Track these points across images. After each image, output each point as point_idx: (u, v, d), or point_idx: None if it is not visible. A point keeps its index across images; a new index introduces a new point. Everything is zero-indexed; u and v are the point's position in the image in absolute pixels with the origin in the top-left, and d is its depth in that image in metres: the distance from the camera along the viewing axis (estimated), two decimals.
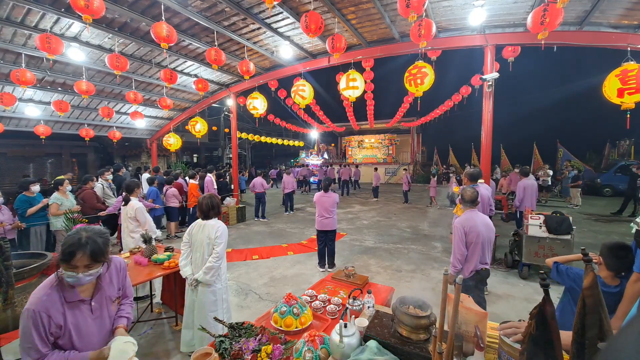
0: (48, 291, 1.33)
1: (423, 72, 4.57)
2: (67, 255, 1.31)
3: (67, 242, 1.34)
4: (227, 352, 1.64)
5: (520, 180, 6.24)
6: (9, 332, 2.27)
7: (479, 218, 2.90)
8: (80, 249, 1.33)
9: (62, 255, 1.33)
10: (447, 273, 1.21)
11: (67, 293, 1.37)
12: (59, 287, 1.36)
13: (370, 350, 1.39)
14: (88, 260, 1.34)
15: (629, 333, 0.28)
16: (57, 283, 1.36)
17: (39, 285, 1.37)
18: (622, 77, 3.91)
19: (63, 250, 1.33)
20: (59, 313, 1.32)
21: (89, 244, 1.35)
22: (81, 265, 1.34)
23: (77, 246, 1.33)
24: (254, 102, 7.07)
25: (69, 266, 1.32)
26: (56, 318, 1.31)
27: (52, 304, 1.31)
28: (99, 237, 1.41)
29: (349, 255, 5.86)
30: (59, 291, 1.35)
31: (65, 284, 1.36)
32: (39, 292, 1.33)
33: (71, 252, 1.32)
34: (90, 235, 1.38)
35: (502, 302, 3.98)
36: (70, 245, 1.33)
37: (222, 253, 2.66)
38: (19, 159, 14.55)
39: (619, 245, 1.85)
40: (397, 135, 22.32)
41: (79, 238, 1.35)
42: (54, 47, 4.31)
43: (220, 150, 23.75)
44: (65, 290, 1.37)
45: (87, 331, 1.41)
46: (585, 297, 0.82)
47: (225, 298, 2.86)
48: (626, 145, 15.73)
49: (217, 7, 5.04)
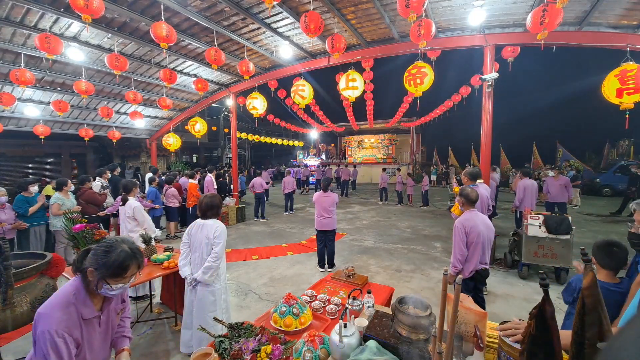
0: (67, 309, 1.25)
1: (423, 72, 4.58)
2: (122, 270, 1.31)
3: (119, 257, 1.31)
4: (226, 352, 1.64)
5: (521, 180, 6.27)
6: (8, 332, 2.27)
7: (479, 218, 2.91)
8: (134, 260, 1.35)
9: (115, 270, 1.30)
10: (446, 273, 1.21)
11: (85, 309, 1.31)
12: (77, 304, 1.29)
13: (369, 350, 1.39)
14: (137, 269, 1.37)
15: (629, 333, 0.28)
16: (74, 300, 1.28)
17: (52, 305, 1.25)
18: (621, 77, 3.92)
19: (117, 265, 1.29)
20: (77, 331, 1.27)
21: (137, 255, 1.38)
22: (130, 275, 1.36)
23: (130, 259, 1.34)
24: (253, 102, 7.06)
25: (116, 280, 1.32)
26: (73, 336, 1.25)
27: (72, 323, 1.24)
28: (136, 246, 1.43)
29: (349, 255, 5.86)
30: (77, 308, 1.28)
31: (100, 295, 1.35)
32: (57, 313, 1.22)
33: (127, 265, 1.32)
34: (131, 246, 1.39)
35: (501, 301, 3.98)
36: (125, 258, 1.32)
37: (220, 253, 2.65)
38: (18, 159, 14.54)
39: (608, 242, 1.87)
40: (396, 135, 22.32)
41: (129, 251, 1.35)
42: (53, 46, 4.31)
43: (220, 150, 23.74)
44: (82, 306, 1.30)
45: (96, 346, 1.38)
46: (585, 297, 0.82)
47: (225, 298, 2.86)
48: (625, 145, 15.76)
49: (217, 7, 5.04)
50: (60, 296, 1.28)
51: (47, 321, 1.19)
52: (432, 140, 23.33)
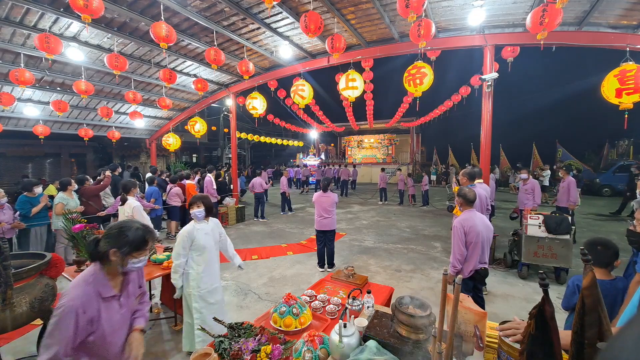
0: (85, 288, 1.36)
1: (422, 72, 4.58)
2: (144, 243, 1.47)
3: (138, 233, 1.46)
4: (226, 353, 1.64)
5: (521, 181, 6.29)
6: (8, 333, 2.26)
7: (478, 218, 2.91)
8: (150, 234, 1.52)
9: (138, 244, 1.45)
10: (446, 273, 1.21)
11: (103, 289, 1.41)
12: (94, 283, 1.39)
13: (369, 350, 1.39)
14: (154, 242, 1.54)
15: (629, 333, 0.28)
16: (92, 280, 1.39)
17: (74, 282, 1.39)
18: (621, 77, 3.92)
19: (138, 240, 1.44)
20: (94, 309, 1.36)
21: (150, 229, 1.54)
22: (148, 249, 1.51)
23: (147, 233, 1.50)
24: (253, 102, 7.06)
25: (140, 252, 1.47)
26: (91, 314, 1.34)
27: (88, 301, 1.34)
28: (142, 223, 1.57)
29: (349, 255, 5.86)
30: (95, 287, 1.38)
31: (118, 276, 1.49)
32: (77, 289, 1.35)
33: (147, 239, 1.48)
34: (141, 223, 1.54)
35: (501, 301, 3.98)
36: (143, 233, 1.48)
37: (174, 256, 2.64)
38: (17, 159, 14.53)
39: (595, 240, 1.96)
40: (396, 135, 22.34)
41: (142, 227, 1.50)
42: (53, 46, 4.30)
43: (220, 150, 23.72)
44: (101, 286, 1.40)
45: (117, 326, 1.46)
46: (585, 296, 0.82)
47: (197, 307, 2.64)
48: (625, 145, 15.77)
49: (217, 7, 5.04)
50: (80, 277, 1.41)
51: (65, 297, 1.31)
52: (432, 140, 23.35)
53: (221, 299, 2.85)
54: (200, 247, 2.65)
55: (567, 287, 2.08)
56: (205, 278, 2.67)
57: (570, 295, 2.02)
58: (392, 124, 16.72)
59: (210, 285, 2.72)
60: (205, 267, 2.67)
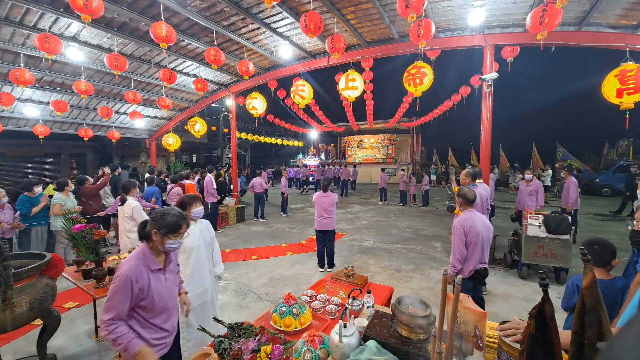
0: (137, 261, 1.63)
1: (422, 72, 4.58)
2: (176, 227, 1.69)
3: (173, 218, 1.70)
4: (226, 353, 1.64)
5: (522, 181, 6.26)
6: (8, 333, 2.26)
7: (478, 218, 2.91)
8: (184, 220, 1.74)
9: (172, 227, 1.68)
10: (446, 273, 1.21)
11: (150, 262, 1.69)
12: (144, 258, 1.67)
13: (369, 350, 1.39)
14: (187, 227, 1.77)
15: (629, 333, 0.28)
16: (141, 255, 1.67)
17: (128, 257, 1.67)
18: (621, 77, 3.92)
19: (173, 223, 1.68)
20: (144, 278, 1.62)
21: (184, 216, 1.76)
22: (182, 233, 1.73)
23: (181, 219, 1.73)
24: (253, 102, 7.06)
25: (175, 235, 1.70)
26: (141, 282, 1.60)
27: (139, 271, 1.61)
28: (180, 210, 1.82)
29: (349, 255, 5.86)
30: (144, 261, 1.67)
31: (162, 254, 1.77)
32: (130, 262, 1.62)
33: (180, 224, 1.71)
34: (179, 211, 1.78)
35: (501, 301, 3.98)
36: (178, 218, 1.71)
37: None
38: (17, 159, 14.54)
39: (593, 240, 1.97)
40: (396, 135, 22.33)
41: (179, 213, 1.74)
42: (53, 46, 4.30)
43: (220, 150, 23.72)
44: (149, 260, 1.68)
45: (163, 294, 1.71)
46: (585, 296, 0.82)
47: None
48: (625, 145, 15.77)
49: (217, 7, 5.04)
50: (133, 254, 1.70)
51: (124, 267, 1.59)
52: (432, 140, 23.35)
53: (210, 299, 2.71)
54: (188, 249, 2.53)
55: (566, 287, 2.08)
56: (194, 280, 2.55)
57: (569, 296, 2.02)
58: (392, 124, 16.72)
59: (200, 287, 2.63)
60: (194, 270, 2.55)
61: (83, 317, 3.64)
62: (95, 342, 3.18)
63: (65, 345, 3.11)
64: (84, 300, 3.99)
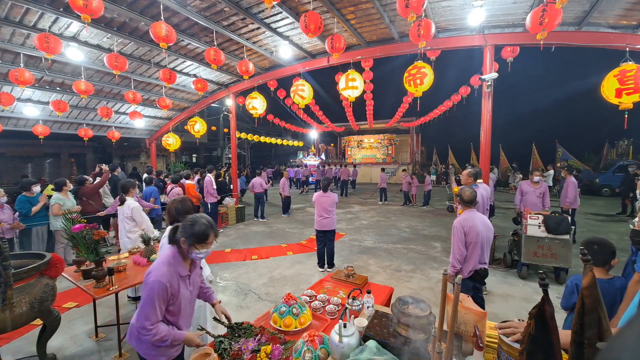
0: (168, 267, 1.64)
1: (422, 72, 4.58)
2: (204, 237, 1.66)
3: (201, 228, 1.66)
4: (226, 353, 1.64)
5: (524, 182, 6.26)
6: (7, 333, 2.26)
7: (478, 218, 2.91)
8: (212, 230, 1.70)
9: (200, 237, 1.65)
10: (446, 273, 1.21)
11: (180, 269, 1.70)
12: (175, 264, 1.68)
13: (369, 350, 1.39)
14: (215, 237, 1.73)
15: (629, 333, 0.28)
16: (172, 260, 1.67)
17: (158, 263, 1.67)
18: (621, 77, 3.92)
19: (200, 233, 1.65)
20: (176, 284, 1.65)
21: (213, 226, 1.73)
22: (210, 243, 1.70)
23: (209, 229, 1.69)
24: (253, 102, 7.06)
25: (202, 245, 1.67)
26: (173, 288, 1.63)
27: (172, 277, 1.63)
28: (211, 219, 1.76)
29: (348, 255, 5.86)
30: (175, 267, 1.67)
31: (188, 259, 1.75)
32: (163, 267, 1.63)
33: (208, 234, 1.68)
34: (208, 220, 1.72)
35: (501, 301, 3.98)
36: (206, 229, 1.67)
37: None
38: (17, 159, 14.52)
39: (592, 240, 1.97)
40: (396, 135, 22.34)
41: (208, 223, 1.70)
42: (53, 46, 4.30)
43: (220, 150, 23.72)
44: (179, 267, 1.69)
45: (188, 300, 1.76)
46: (584, 296, 0.82)
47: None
48: (624, 145, 15.77)
49: (216, 7, 5.04)
50: (164, 258, 1.69)
51: (158, 273, 1.60)
52: (432, 140, 23.34)
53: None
54: None
55: (566, 287, 2.08)
56: None
57: (569, 295, 2.03)
58: (392, 124, 16.72)
59: None
60: None
61: (83, 317, 3.64)
62: (95, 342, 3.18)
63: (65, 345, 3.11)
64: (83, 300, 3.99)
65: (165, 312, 1.66)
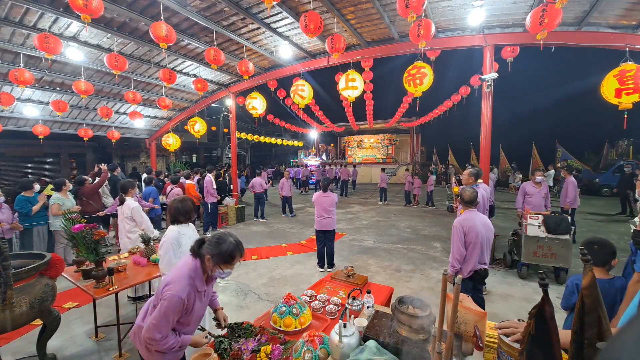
0: (188, 281, 1.62)
1: (422, 72, 4.58)
2: (231, 258, 1.63)
3: (229, 248, 1.62)
4: (226, 353, 1.64)
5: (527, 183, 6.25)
6: (8, 332, 2.26)
7: (478, 218, 2.91)
8: (239, 251, 1.66)
9: (226, 258, 1.62)
10: (446, 273, 1.21)
11: (199, 284, 1.67)
12: (195, 279, 1.65)
13: (369, 350, 1.39)
14: (240, 257, 1.69)
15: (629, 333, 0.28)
16: (193, 274, 1.65)
17: (178, 276, 1.63)
18: (620, 77, 3.92)
19: (227, 254, 1.61)
20: (192, 299, 1.64)
21: (240, 246, 1.68)
22: (234, 264, 1.68)
23: (236, 250, 1.65)
24: (253, 102, 7.06)
25: (227, 266, 1.65)
26: (189, 302, 1.62)
27: (189, 292, 1.61)
28: (238, 238, 1.71)
29: (348, 255, 5.86)
30: (194, 282, 1.65)
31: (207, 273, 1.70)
32: (183, 282, 1.60)
33: (235, 255, 1.64)
34: (235, 239, 1.68)
35: (501, 301, 3.98)
36: (233, 249, 1.63)
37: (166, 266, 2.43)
38: (17, 159, 14.51)
39: (592, 240, 1.98)
40: (396, 135, 22.33)
41: (235, 242, 1.65)
42: (53, 46, 4.30)
43: (220, 150, 23.71)
44: (198, 282, 1.67)
45: (200, 312, 1.76)
46: (584, 296, 0.82)
47: None
48: (624, 145, 15.78)
49: (216, 7, 5.04)
50: (185, 270, 1.65)
51: (177, 287, 1.58)
52: (432, 140, 23.35)
53: None
54: (185, 253, 2.53)
55: (565, 287, 2.08)
56: None
57: (569, 295, 2.03)
58: (392, 124, 16.72)
59: None
60: None
61: (83, 317, 3.64)
62: (94, 342, 3.18)
63: (65, 345, 3.11)
64: (83, 301, 3.99)
65: (176, 323, 1.66)
